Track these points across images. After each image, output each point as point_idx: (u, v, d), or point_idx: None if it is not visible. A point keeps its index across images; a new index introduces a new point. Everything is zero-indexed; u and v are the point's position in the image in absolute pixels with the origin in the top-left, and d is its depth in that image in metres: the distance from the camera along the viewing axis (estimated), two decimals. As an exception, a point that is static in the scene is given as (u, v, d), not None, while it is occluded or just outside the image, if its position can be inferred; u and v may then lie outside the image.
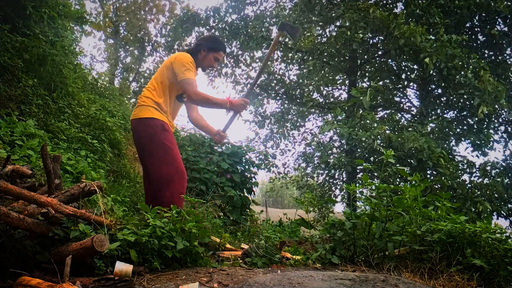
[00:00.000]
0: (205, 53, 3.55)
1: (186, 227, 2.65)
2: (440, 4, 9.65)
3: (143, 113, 3.32)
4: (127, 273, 2.13)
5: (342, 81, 13.59)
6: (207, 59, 3.57)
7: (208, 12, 12.43)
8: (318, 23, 10.71)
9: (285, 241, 3.43)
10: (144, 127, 3.30)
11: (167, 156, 3.25)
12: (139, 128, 3.33)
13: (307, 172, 12.64)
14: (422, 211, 3.17)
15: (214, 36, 3.97)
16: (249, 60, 13.83)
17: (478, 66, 8.65)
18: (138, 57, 17.70)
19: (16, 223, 2.16)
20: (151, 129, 3.28)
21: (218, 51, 3.61)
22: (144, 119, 3.30)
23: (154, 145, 3.27)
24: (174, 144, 3.34)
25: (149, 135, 3.28)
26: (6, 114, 4.70)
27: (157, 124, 3.29)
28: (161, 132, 3.28)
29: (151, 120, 3.28)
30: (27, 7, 5.67)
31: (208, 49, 3.55)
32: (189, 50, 3.59)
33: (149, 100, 3.35)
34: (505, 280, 2.68)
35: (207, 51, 3.55)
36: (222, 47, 3.71)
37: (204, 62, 3.58)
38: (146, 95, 3.39)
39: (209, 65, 3.63)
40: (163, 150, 3.25)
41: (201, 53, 3.54)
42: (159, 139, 3.25)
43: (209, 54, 3.56)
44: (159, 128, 3.28)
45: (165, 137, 3.28)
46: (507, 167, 10.22)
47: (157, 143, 3.25)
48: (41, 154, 2.69)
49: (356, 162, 8.16)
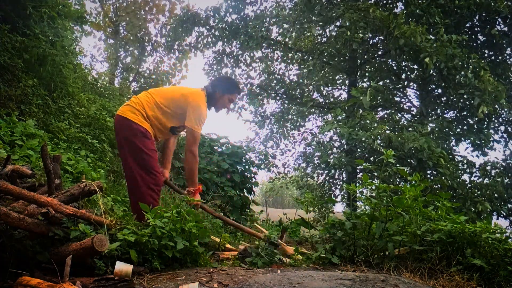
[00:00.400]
0: (220, 94, 3.59)
1: (186, 227, 2.65)
2: (440, 4, 9.64)
3: (129, 114, 3.30)
4: (127, 273, 2.13)
5: (342, 81, 13.58)
6: (221, 100, 3.61)
7: (208, 12, 12.42)
8: (318, 23, 10.70)
9: (286, 228, 3.43)
10: (125, 128, 3.29)
11: (141, 161, 3.23)
12: (121, 126, 3.33)
13: (307, 172, 12.63)
14: (422, 211, 3.17)
15: (230, 78, 3.95)
16: (249, 60, 13.82)
17: (478, 66, 8.65)
18: (138, 57, 17.69)
19: (16, 223, 2.16)
20: (130, 132, 3.27)
21: (233, 93, 3.67)
22: (128, 120, 3.28)
23: (131, 148, 3.26)
24: (152, 152, 3.30)
25: (128, 136, 3.27)
26: (6, 114, 4.70)
27: (140, 129, 3.27)
28: (141, 138, 3.26)
29: (134, 124, 3.27)
30: (27, 7, 5.67)
31: (223, 90, 3.59)
32: (207, 91, 3.56)
33: (141, 107, 3.34)
34: (505, 280, 2.68)
35: (222, 93, 3.59)
36: (238, 90, 3.77)
37: (219, 102, 3.62)
38: (142, 101, 3.37)
39: (223, 106, 3.68)
40: (138, 154, 3.24)
41: (217, 94, 3.57)
42: (136, 144, 3.24)
43: (224, 95, 3.60)
44: (140, 134, 3.27)
45: (144, 143, 3.27)
46: (507, 167, 10.21)
47: (134, 147, 3.25)
48: (41, 154, 2.69)
49: (356, 162, 8.15)
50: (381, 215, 3.12)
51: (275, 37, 12.74)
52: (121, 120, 3.32)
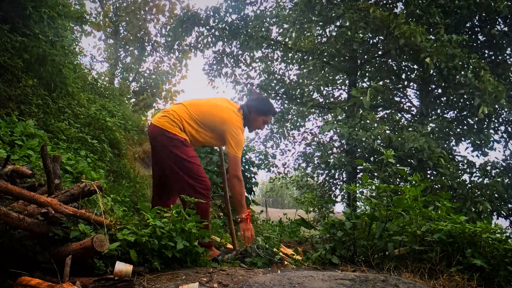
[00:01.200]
0: (256, 115, 3.59)
1: (186, 227, 2.65)
2: (440, 4, 9.65)
3: (167, 125, 3.30)
4: (127, 273, 2.13)
5: (342, 81, 13.58)
6: (256, 121, 3.62)
7: (208, 12, 12.41)
8: (318, 23, 10.70)
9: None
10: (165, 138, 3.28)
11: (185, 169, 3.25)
12: (159, 137, 3.32)
13: (307, 172, 12.63)
14: (422, 211, 3.17)
15: (266, 100, 3.92)
16: (249, 60, 13.82)
17: (478, 66, 8.65)
18: (138, 57, 17.69)
19: (16, 223, 2.16)
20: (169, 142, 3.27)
21: (269, 115, 3.68)
22: (165, 130, 3.28)
23: (173, 158, 3.26)
24: (194, 159, 3.31)
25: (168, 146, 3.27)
26: (6, 114, 4.70)
27: (179, 139, 3.28)
28: (181, 147, 3.27)
29: (173, 135, 3.27)
30: (27, 7, 5.66)
31: (259, 112, 3.59)
32: (243, 112, 3.55)
33: (178, 119, 3.33)
34: (505, 280, 2.68)
35: (258, 114, 3.60)
36: (273, 112, 3.77)
37: (253, 124, 3.63)
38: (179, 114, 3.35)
39: (257, 127, 3.70)
40: (181, 163, 3.25)
41: (252, 114, 3.57)
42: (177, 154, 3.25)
43: (260, 117, 3.61)
44: (179, 143, 3.27)
45: (185, 151, 3.27)
46: (507, 167, 10.21)
47: (175, 157, 3.25)
48: (41, 154, 2.69)
49: (356, 162, 8.16)
50: (381, 215, 3.12)
51: (275, 37, 12.75)
52: (158, 131, 3.31)
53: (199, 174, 3.28)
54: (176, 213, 2.70)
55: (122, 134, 6.87)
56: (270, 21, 12.21)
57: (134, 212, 4.17)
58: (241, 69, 13.99)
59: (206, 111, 3.42)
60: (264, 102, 3.81)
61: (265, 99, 4.01)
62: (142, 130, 8.42)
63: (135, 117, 9.09)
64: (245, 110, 3.55)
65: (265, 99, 3.99)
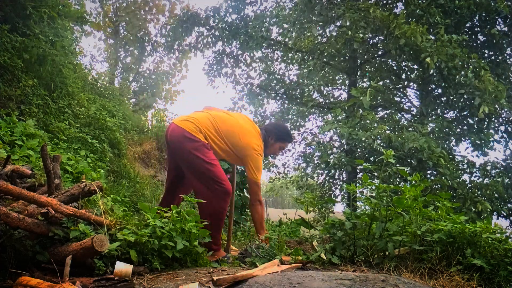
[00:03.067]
0: (273, 141, 3.63)
1: (186, 227, 2.65)
2: (440, 4, 9.64)
3: (190, 127, 3.27)
4: (127, 273, 2.13)
5: (342, 81, 13.58)
6: (273, 147, 3.66)
7: (208, 12, 12.41)
8: (318, 23, 10.69)
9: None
10: (187, 140, 3.25)
11: (206, 172, 3.23)
12: (181, 138, 3.27)
13: (307, 172, 12.63)
14: (422, 211, 3.17)
15: (285, 127, 3.89)
16: (249, 60, 13.81)
17: (478, 66, 8.64)
18: (138, 57, 17.69)
19: (16, 223, 2.16)
20: (192, 144, 3.24)
21: (285, 142, 3.73)
22: (188, 132, 3.25)
23: (193, 161, 3.24)
24: (215, 161, 3.29)
25: (191, 150, 3.23)
26: (6, 114, 4.70)
27: (202, 142, 3.26)
28: (202, 149, 3.24)
29: (195, 137, 3.25)
30: (27, 7, 5.67)
31: (277, 138, 3.64)
32: (262, 137, 3.56)
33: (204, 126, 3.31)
34: (505, 280, 2.68)
35: (275, 140, 3.64)
36: (290, 139, 3.83)
37: (270, 149, 3.66)
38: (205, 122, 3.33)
39: (273, 152, 3.75)
40: (202, 166, 3.22)
41: (269, 140, 3.61)
42: (198, 156, 3.22)
43: (277, 143, 3.65)
44: (202, 146, 3.25)
45: (206, 154, 3.25)
46: (507, 167, 10.20)
47: (196, 159, 3.22)
48: (41, 154, 2.69)
49: (356, 162, 8.15)
50: (381, 215, 3.12)
51: (275, 37, 12.74)
52: (179, 132, 3.26)
53: (219, 177, 3.24)
54: (176, 213, 2.70)
55: (122, 134, 6.87)
56: (270, 21, 12.21)
57: (134, 212, 4.18)
58: (241, 69, 13.99)
59: (233, 130, 3.40)
60: (283, 128, 3.81)
61: (284, 125, 4.07)
62: (142, 130, 8.43)
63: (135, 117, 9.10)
64: (264, 135, 3.58)
65: (284, 126, 4.01)
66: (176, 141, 3.29)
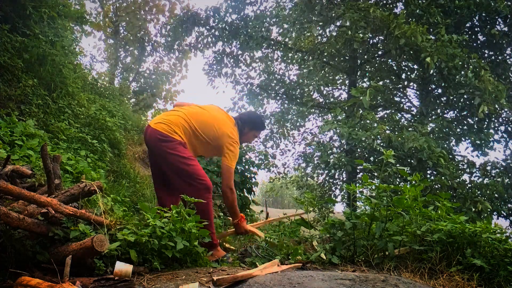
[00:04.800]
0: (248, 130, 3.73)
1: (186, 227, 2.65)
2: (440, 4, 9.64)
3: (165, 128, 3.33)
4: (127, 273, 2.13)
5: (342, 81, 13.58)
6: (247, 136, 3.77)
7: (208, 12, 12.40)
8: (318, 23, 10.69)
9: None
10: (163, 141, 3.31)
11: (185, 172, 3.29)
12: (157, 140, 3.33)
13: (307, 172, 12.63)
14: (422, 211, 3.17)
15: (258, 116, 4.06)
16: (249, 60, 13.81)
17: (478, 66, 8.64)
18: (138, 57, 17.69)
19: (16, 223, 2.16)
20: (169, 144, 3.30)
21: (259, 130, 3.87)
22: (163, 133, 3.31)
23: (171, 160, 3.30)
24: (193, 159, 3.37)
25: (167, 150, 3.29)
26: (6, 114, 4.70)
27: (178, 140, 3.33)
28: (179, 147, 3.31)
29: (170, 137, 3.31)
30: (27, 7, 5.67)
31: (251, 127, 3.74)
32: (237, 124, 3.65)
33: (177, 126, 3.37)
34: (505, 280, 2.68)
35: (250, 129, 3.74)
36: (263, 127, 3.96)
37: (245, 137, 3.76)
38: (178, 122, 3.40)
39: (247, 141, 3.88)
40: (181, 164, 3.29)
41: (245, 129, 3.71)
42: (176, 154, 3.28)
43: (251, 132, 3.76)
44: (178, 144, 3.31)
45: (184, 152, 3.32)
46: (507, 167, 10.20)
47: (174, 158, 3.28)
48: (41, 154, 2.69)
49: (356, 162, 8.15)
50: (381, 215, 3.12)
51: (275, 37, 12.74)
52: (154, 133, 3.32)
53: (199, 173, 3.31)
54: (176, 213, 2.71)
55: (122, 134, 6.87)
56: (270, 21, 12.20)
57: (134, 212, 4.17)
58: (241, 69, 13.97)
59: (207, 122, 3.48)
60: (256, 117, 3.93)
61: (257, 114, 4.31)
62: (142, 130, 8.41)
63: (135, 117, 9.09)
64: (239, 124, 3.68)
65: (257, 115, 4.20)
66: (153, 144, 3.37)
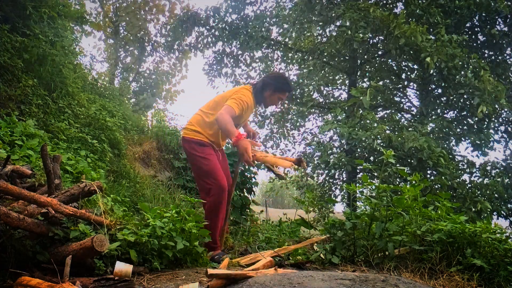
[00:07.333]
0: (271, 92, 3.61)
1: (186, 227, 2.65)
2: (440, 4, 9.64)
3: (186, 133, 3.57)
4: (127, 273, 2.13)
5: (342, 81, 13.57)
6: (271, 98, 3.66)
7: (208, 12, 12.41)
8: (318, 23, 10.69)
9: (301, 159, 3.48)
10: (185, 146, 3.57)
11: (202, 170, 3.45)
12: (183, 146, 3.63)
13: (307, 172, 12.62)
14: (422, 211, 3.17)
15: (282, 77, 3.86)
16: (249, 60, 13.81)
17: (478, 66, 8.64)
18: (138, 57, 17.69)
19: (16, 223, 2.16)
20: (188, 145, 3.53)
21: (284, 92, 3.69)
22: (184, 138, 3.57)
23: (192, 160, 3.53)
24: (210, 156, 3.46)
25: (188, 151, 3.54)
26: (6, 114, 4.70)
27: (194, 140, 3.50)
28: (197, 147, 3.47)
29: (189, 138, 3.52)
30: (27, 7, 5.66)
31: (275, 89, 3.61)
32: (256, 87, 3.62)
33: (192, 124, 3.56)
34: (505, 280, 2.68)
35: (273, 91, 3.61)
36: (288, 88, 3.76)
37: (268, 100, 3.67)
38: (193, 120, 3.59)
39: (272, 103, 3.76)
40: (198, 162, 3.46)
41: (267, 91, 3.61)
42: (195, 154, 3.47)
43: (275, 94, 3.63)
44: (195, 144, 3.48)
45: (201, 150, 3.46)
46: (507, 167, 10.20)
47: (193, 157, 3.49)
48: (41, 154, 2.69)
49: (356, 162, 8.15)
50: (381, 215, 3.12)
51: (275, 37, 12.74)
52: (182, 140, 3.63)
53: (214, 172, 3.39)
54: (176, 213, 2.71)
55: (122, 134, 6.86)
56: (270, 21, 12.20)
57: (134, 212, 4.17)
58: (241, 69, 13.98)
59: (213, 100, 3.61)
60: (281, 78, 3.75)
61: (282, 75, 4.03)
62: (142, 130, 8.41)
63: (135, 117, 9.08)
64: (258, 87, 3.60)
65: (281, 75, 3.98)
66: (182, 146, 3.67)
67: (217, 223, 3.32)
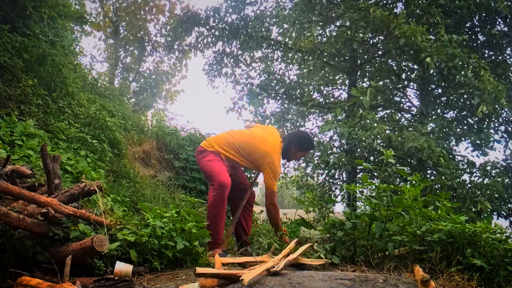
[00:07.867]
0: (295, 150, 3.90)
1: (186, 227, 2.65)
2: (440, 4, 9.64)
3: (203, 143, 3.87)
4: (127, 273, 2.13)
5: (342, 81, 13.56)
6: (295, 155, 3.96)
7: (208, 12, 12.39)
8: (318, 23, 10.68)
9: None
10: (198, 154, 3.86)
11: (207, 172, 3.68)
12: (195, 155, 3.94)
13: (307, 172, 12.61)
14: (422, 211, 3.17)
15: (307, 137, 4.11)
16: (249, 60, 13.80)
17: (478, 66, 8.64)
18: (138, 57, 17.68)
19: (16, 223, 2.16)
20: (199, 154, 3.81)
21: (307, 151, 4.05)
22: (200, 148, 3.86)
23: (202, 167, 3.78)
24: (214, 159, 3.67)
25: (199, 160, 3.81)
26: (6, 114, 4.70)
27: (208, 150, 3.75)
28: (207, 154, 3.71)
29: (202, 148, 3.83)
30: (27, 7, 5.66)
31: (299, 148, 3.91)
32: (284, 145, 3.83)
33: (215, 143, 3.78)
34: (505, 280, 2.68)
35: (298, 150, 3.91)
36: (311, 148, 4.11)
37: (292, 157, 3.96)
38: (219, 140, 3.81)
39: (295, 159, 4.12)
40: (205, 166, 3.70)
41: (293, 149, 3.88)
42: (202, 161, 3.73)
43: (298, 152, 3.94)
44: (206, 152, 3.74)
45: (208, 155, 3.70)
46: (507, 167, 10.18)
47: (202, 164, 3.75)
48: (41, 154, 2.69)
49: (356, 162, 8.14)
50: (381, 215, 3.12)
51: (275, 37, 12.73)
52: (196, 151, 3.90)
53: (216, 171, 3.55)
54: (176, 213, 2.71)
55: (122, 134, 6.86)
56: (270, 21, 12.19)
57: (134, 212, 4.17)
58: (241, 69, 13.95)
59: (247, 141, 3.74)
60: (306, 138, 4.04)
61: (306, 135, 4.30)
62: (142, 130, 8.41)
63: (135, 117, 9.07)
64: (285, 144, 3.83)
65: (306, 136, 4.23)
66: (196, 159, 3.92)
67: (219, 219, 3.37)
